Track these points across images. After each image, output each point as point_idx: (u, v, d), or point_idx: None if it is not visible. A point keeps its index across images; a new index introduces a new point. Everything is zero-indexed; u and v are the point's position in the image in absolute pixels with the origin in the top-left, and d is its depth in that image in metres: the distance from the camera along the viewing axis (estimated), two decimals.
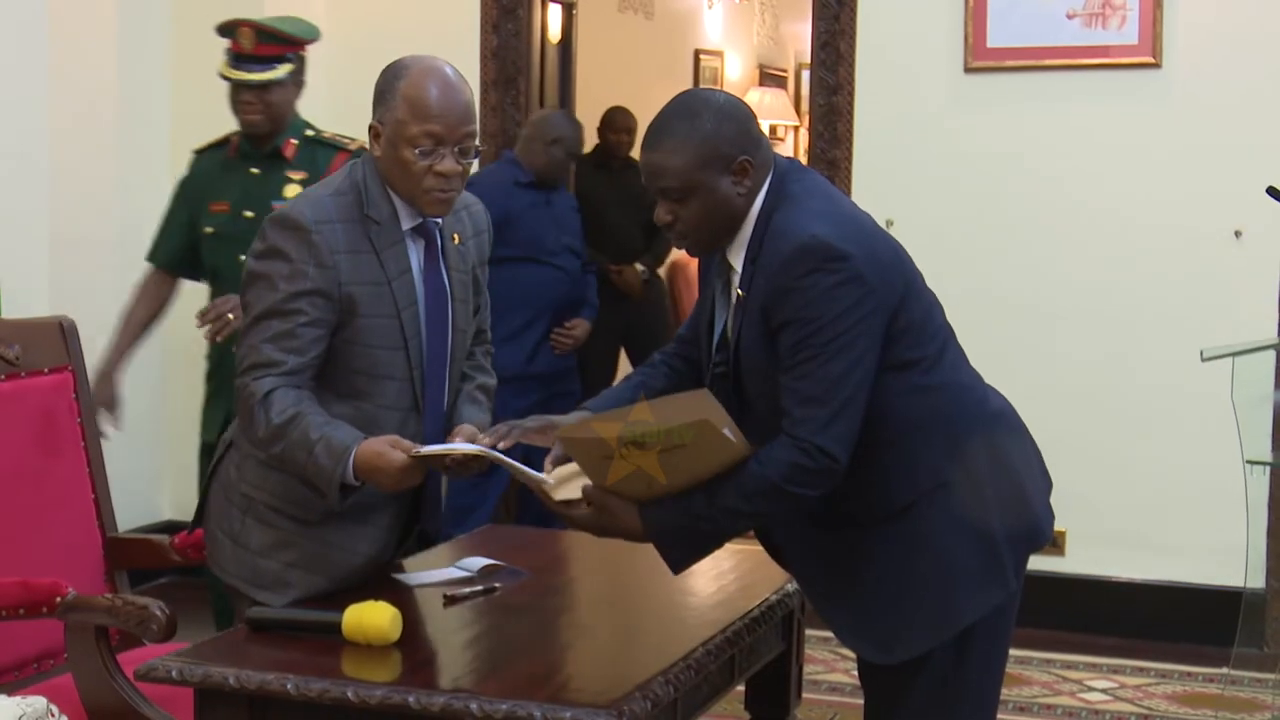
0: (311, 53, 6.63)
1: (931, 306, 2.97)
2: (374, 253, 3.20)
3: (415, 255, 3.27)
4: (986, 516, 2.89)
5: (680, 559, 2.88)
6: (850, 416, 2.77)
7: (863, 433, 2.80)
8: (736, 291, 2.90)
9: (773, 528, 3.05)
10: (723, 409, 2.76)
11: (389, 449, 3.07)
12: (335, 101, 6.48)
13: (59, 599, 3.23)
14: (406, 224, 3.25)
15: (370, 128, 3.24)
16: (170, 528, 5.60)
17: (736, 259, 2.90)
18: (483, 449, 3.10)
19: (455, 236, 3.37)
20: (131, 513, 6.14)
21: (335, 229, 3.17)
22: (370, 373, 3.21)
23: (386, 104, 3.19)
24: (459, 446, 3.14)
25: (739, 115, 2.89)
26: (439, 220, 3.30)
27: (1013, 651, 5.61)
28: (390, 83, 3.20)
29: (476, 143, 3.23)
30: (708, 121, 2.85)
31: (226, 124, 6.48)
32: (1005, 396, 3.10)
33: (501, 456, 3.06)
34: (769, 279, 2.81)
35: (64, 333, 3.83)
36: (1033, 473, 3.05)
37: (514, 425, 3.12)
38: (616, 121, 8.31)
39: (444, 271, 3.32)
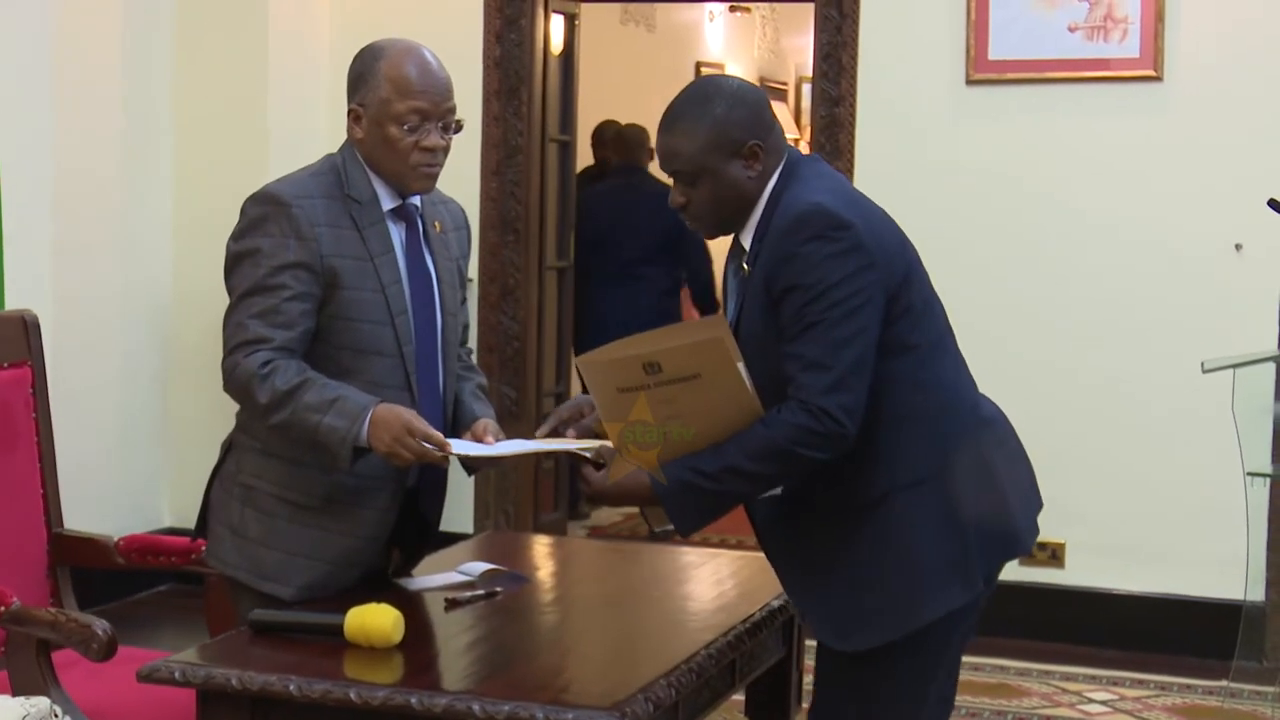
0: (314, 60, 6.71)
1: (932, 300, 3.00)
2: (356, 229, 3.22)
3: (397, 237, 3.29)
4: (960, 518, 2.89)
5: (687, 519, 2.89)
6: (856, 385, 2.79)
7: None
8: (743, 267, 2.94)
9: (752, 510, 3.04)
10: (734, 341, 2.81)
11: (402, 414, 3.07)
12: (338, 111, 6.49)
13: (3, 608, 3.23)
14: (387, 205, 3.28)
15: (350, 111, 3.26)
16: (171, 534, 5.62)
17: (747, 239, 2.96)
18: (522, 448, 3.15)
19: (437, 225, 3.39)
20: (132, 518, 6.17)
21: (315, 204, 3.19)
22: (356, 348, 3.21)
23: (368, 85, 3.22)
24: (501, 450, 3.16)
25: (751, 101, 2.94)
26: (418, 205, 3.33)
27: (1012, 663, 5.69)
28: (370, 64, 3.23)
29: (456, 117, 3.27)
30: (719, 107, 2.90)
31: (229, 130, 6.54)
32: (999, 406, 3.10)
33: (540, 446, 3.10)
34: (771, 248, 2.85)
35: (26, 327, 3.82)
36: (1018, 485, 3.04)
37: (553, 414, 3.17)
38: (606, 136, 8.30)
39: (428, 254, 3.34)
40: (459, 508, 6.52)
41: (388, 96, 3.20)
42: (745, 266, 2.95)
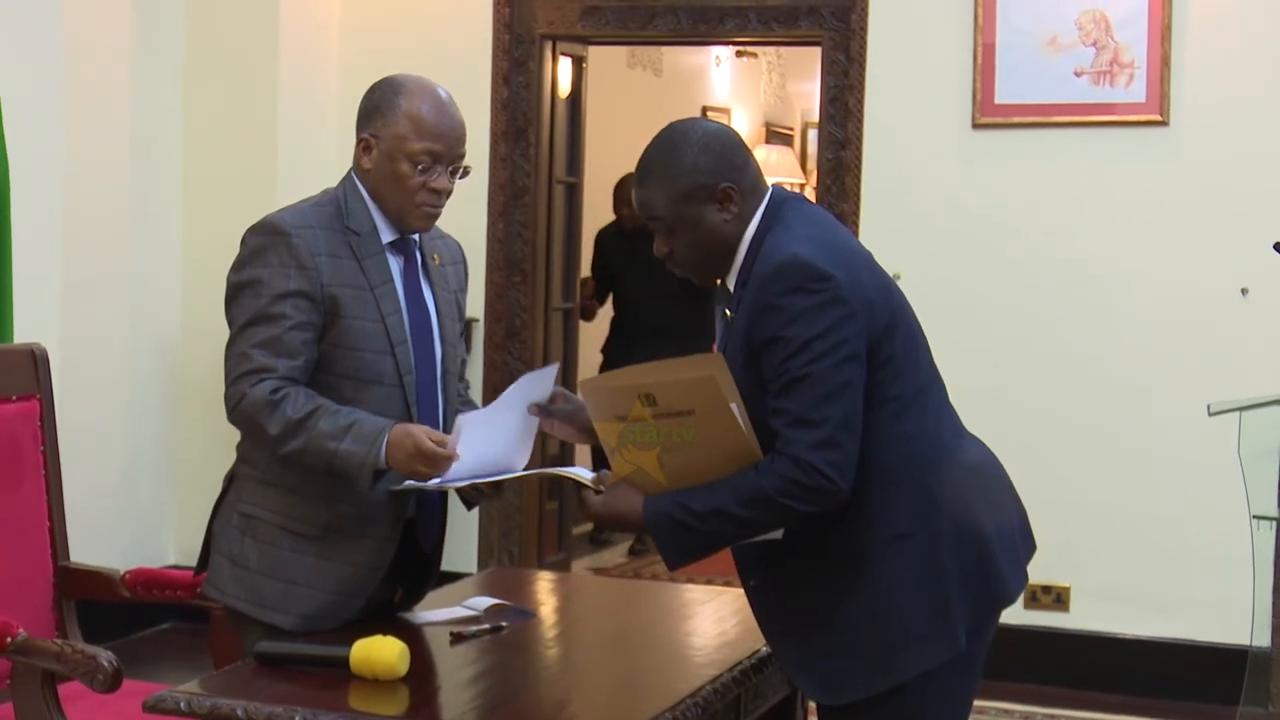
0: (323, 100, 6.74)
1: (916, 347, 2.96)
2: (355, 260, 3.24)
3: (396, 268, 3.31)
4: (942, 575, 2.86)
5: (674, 554, 2.88)
6: (845, 441, 2.77)
7: None
8: (725, 312, 2.94)
9: (737, 561, 3.02)
10: (732, 381, 2.78)
11: (416, 432, 3.10)
12: (345, 152, 6.52)
13: (9, 639, 3.24)
14: (386, 237, 3.29)
15: (361, 140, 3.28)
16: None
17: (731, 283, 2.95)
18: (521, 473, 3.17)
19: (435, 257, 3.41)
20: (137, 555, 6.15)
21: (315, 234, 3.21)
22: (356, 377, 3.21)
23: (384, 118, 3.24)
24: (531, 473, 3.19)
25: (718, 145, 2.93)
26: (417, 237, 3.35)
27: (1016, 707, 5.66)
28: (389, 98, 3.25)
29: (465, 163, 3.30)
30: (686, 155, 2.90)
31: (237, 168, 6.56)
32: (986, 447, 3.07)
33: (541, 471, 3.13)
34: (752, 298, 2.84)
35: (35, 360, 3.84)
36: (1004, 533, 2.99)
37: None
38: (626, 192, 8.28)
39: (427, 286, 3.36)
40: (463, 548, 6.52)
41: (404, 133, 3.22)
42: (728, 312, 2.94)
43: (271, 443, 3.14)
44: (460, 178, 3.31)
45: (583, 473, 3.10)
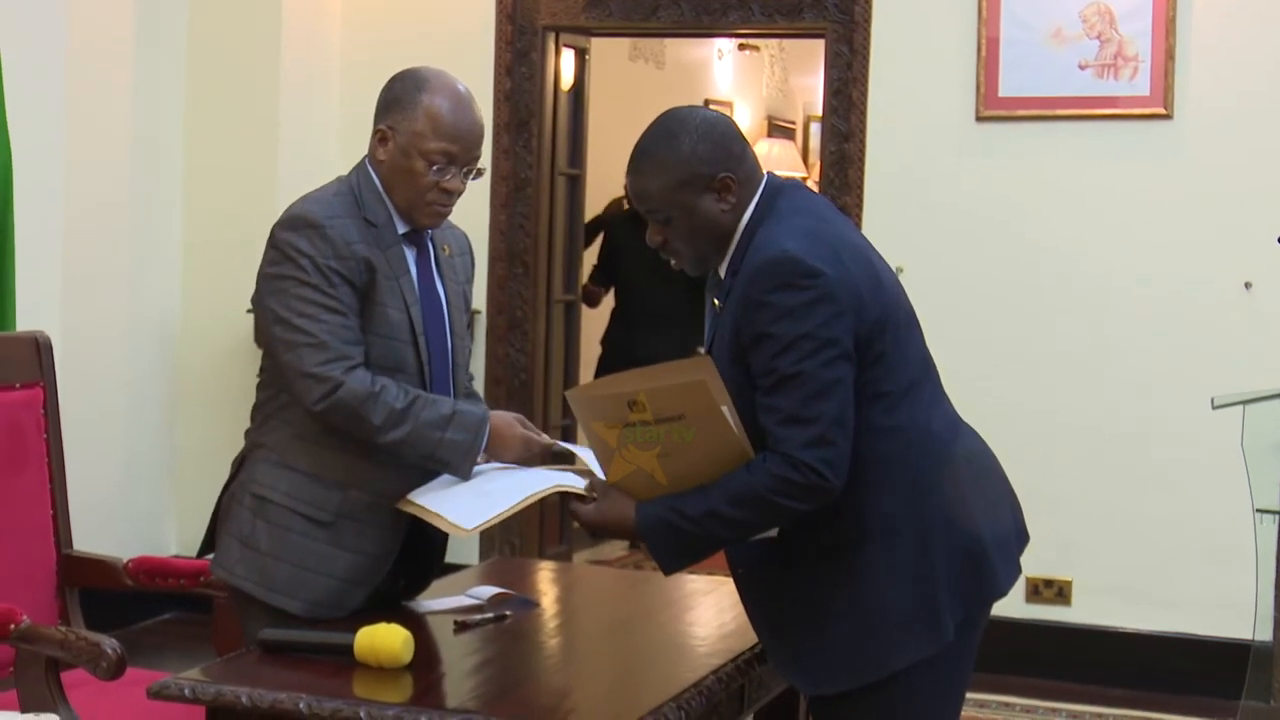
0: (324, 92, 6.74)
1: (910, 339, 2.94)
2: (379, 249, 3.23)
3: (411, 259, 3.30)
4: (931, 568, 2.85)
5: (669, 559, 2.87)
6: (839, 439, 2.75)
7: None
8: (714, 301, 2.92)
9: (728, 553, 3.00)
10: (721, 383, 2.76)
11: (515, 422, 3.23)
12: (348, 145, 6.53)
13: (13, 626, 3.23)
14: (400, 229, 3.29)
15: (377, 131, 3.26)
16: None
17: (723, 272, 2.94)
18: (518, 497, 3.12)
19: (446, 248, 3.41)
20: (138, 547, 6.14)
21: (345, 223, 3.21)
22: (382, 364, 3.21)
23: (404, 112, 3.22)
24: (499, 508, 3.13)
25: (716, 134, 2.91)
26: (429, 230, 3.35)
27: (1019, 700, 5.67)
28: (411, 93, 3.23)
29: (480, 164, 3.29)
30: (685, 143, 2.88)
31: (238, 158, 6.56)
32: (980, 436, 3.05)
33: (534, 488, 3.11)
34: (741, 292, 2.82)
35: (38, 348, 3.83)
36: (996, 525, 2.98)
37: None
38: None
39: (439, 278, 3.36)
40: (465, 540, 6.50)
41: (422, 131, 3.20)
42: (717, 301, 2.93)
43: (373, 431, 3.13)
44: (473, 179, 3.29)
45: (575, 481, 3.09)
